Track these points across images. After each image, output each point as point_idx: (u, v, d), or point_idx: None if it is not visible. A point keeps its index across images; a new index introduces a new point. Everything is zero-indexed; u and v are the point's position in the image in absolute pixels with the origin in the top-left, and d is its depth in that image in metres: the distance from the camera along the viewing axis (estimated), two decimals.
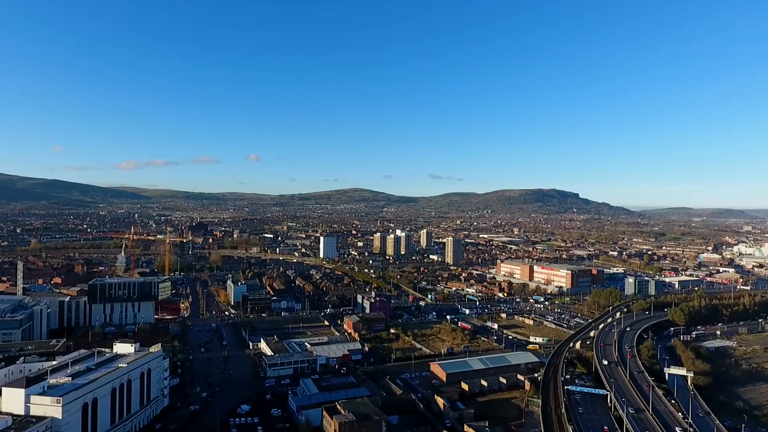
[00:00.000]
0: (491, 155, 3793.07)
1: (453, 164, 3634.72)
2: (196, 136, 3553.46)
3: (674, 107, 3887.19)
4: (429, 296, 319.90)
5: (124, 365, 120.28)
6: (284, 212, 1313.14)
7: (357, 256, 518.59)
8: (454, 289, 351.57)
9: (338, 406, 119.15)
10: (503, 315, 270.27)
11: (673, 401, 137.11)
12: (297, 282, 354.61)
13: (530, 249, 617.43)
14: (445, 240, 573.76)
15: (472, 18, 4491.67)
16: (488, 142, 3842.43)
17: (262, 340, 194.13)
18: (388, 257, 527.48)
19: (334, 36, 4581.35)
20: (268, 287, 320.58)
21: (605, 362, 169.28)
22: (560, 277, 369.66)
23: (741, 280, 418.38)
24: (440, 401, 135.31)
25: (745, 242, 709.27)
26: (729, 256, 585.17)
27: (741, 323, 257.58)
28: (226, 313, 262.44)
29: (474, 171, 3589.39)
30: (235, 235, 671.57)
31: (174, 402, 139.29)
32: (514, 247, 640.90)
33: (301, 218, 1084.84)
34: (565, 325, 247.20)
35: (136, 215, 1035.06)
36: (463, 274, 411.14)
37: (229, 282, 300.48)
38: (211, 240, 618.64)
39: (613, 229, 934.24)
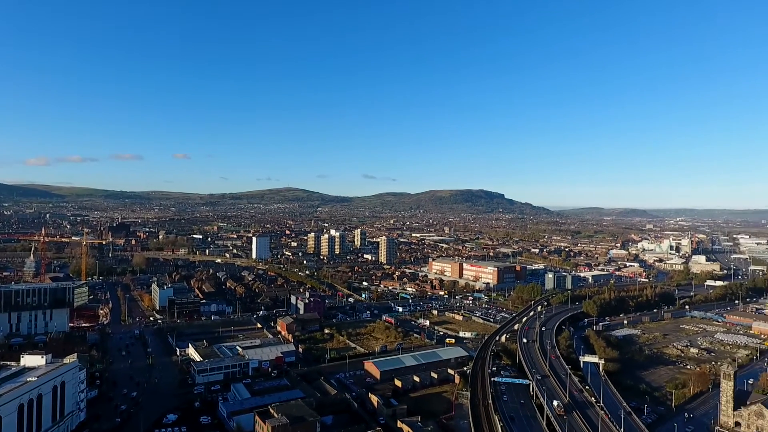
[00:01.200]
0: (424, 156, 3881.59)
1: (387, 165, 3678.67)
2: (115, 131, 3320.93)
3: (585, 115, 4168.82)
4: (363, 295, 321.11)
5: (34, 379, 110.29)
6: (214, 212, 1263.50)
7: (291, 257, 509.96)
8: (388, 287, 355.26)
9: (271, 410, 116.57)
10: (435, 312, 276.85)
11: (587, 387, 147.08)
12: (228, 284, 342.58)
13: (460, 247, 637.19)
14: (379, 239, 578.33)
15: (399, 17, 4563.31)
16: (421, 144, 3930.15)
17: (190, 345, 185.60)
18: (322, 257, 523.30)
19: (264, 30, 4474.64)
20: (196, 290, 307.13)
21: (528, 353, 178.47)
22: (487, 274, 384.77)
23: (644, 273, 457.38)
24: (374, 399, 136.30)
25: (648, 239, 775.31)
26: (634, 252, 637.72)
27: (644, 313, 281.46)
28: (151, 318, 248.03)
29: (407, 172, 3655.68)
30: (160, 236, 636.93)
31: (92, 415, 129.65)
32: (445, 245, 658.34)
33: (232, 218, 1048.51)
34: (492, 320, 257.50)
35: (47, 215, 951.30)
36: (397, 273, 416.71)
37: (154, 285, 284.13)
38: (134, 241, 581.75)
39: (535, 228, 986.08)
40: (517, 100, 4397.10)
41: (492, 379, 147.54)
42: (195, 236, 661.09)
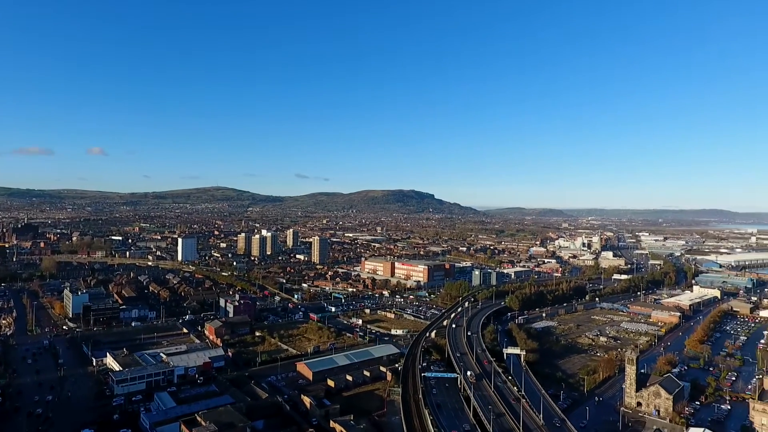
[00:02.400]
0: (356, 157, 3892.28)
1: (319, 164, 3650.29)
2: (19, 122, 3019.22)
3: (507, 119, 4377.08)
4: (296, 296, 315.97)
5: None
6: (136, 212, 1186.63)
7: (220, 258, 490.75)
8: (320, 287, 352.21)
9: (198, 418, 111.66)
10: (367, 311, 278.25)
11: (510, 377, 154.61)
12: (151, 288, 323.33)
13: (392, 247, 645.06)
14: (311, 239, 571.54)
15: (327, 16, 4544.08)
16: (354, 144, 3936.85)
17: (108, 354, 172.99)
18: (253, 258, 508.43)
19: (187, 19, 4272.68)
20: (116, 295, 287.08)
21: (456, 348, 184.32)
22: (418, 272, 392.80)
23: (560, 269, 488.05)
24: (306, 400, 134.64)
25: (564, 237, 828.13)
26: (552, 249, 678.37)
27: (560, 306, 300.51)
28: (64, 327, 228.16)
29: (340, 172, 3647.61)
30: (74, 238, 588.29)
31: None
32: (377, 245, 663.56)
33: (156, 218, 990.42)
34: (422, 317, 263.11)
35: None
36: (330, 273, 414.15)
37: (66, 291, 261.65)
38: (42, 244, 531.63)
39: (463, 227, 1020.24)
40: (446, 102, 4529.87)
41: (422, 374, 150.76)
42: (114, 238, 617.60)
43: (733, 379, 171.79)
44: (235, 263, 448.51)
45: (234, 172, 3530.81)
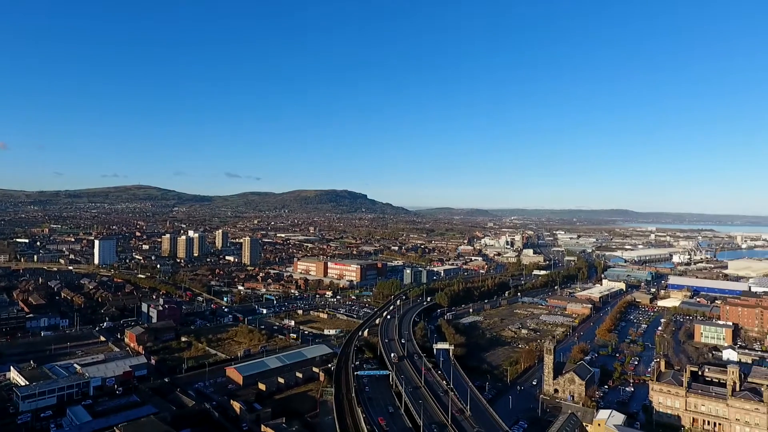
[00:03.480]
0: (289, 156, 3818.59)
1: (251, 163, 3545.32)
2: None
3: (436, 121, 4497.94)
4: (225, 299, 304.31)
5: None
6: (45, 212, 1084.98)
7: (142, 261, 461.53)
8: (252, 289, 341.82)
9: (117, 431, 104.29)
10: (300, 311, 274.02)
11: (439, 371, 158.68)
12: (63, 294, 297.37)
13: (325, 246, 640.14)
14: (242, 240, 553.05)
15: (251, 12, 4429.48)
16: (285, 143, 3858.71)
17: (12, 368, 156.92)
18: (179, 260, 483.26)
19: (107, 8, 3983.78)
20: (21, 303, 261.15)
21: (388, 345, 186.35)
22: (351, 272, 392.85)
23: (486, 266, 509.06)
24: (236, 405, 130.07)
25: (489, 236, 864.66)
26: (478, 248, 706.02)
27: (486, 301, 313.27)
28: None
29: (272, 171, 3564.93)
30: None
31: None
32: (310, 245, 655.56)
33: (69, 219, 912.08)
34: (355, 316, 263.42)
35: None
36: (261, 274, 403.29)
37: None
38: None
39: (395, 227, 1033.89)
40: (378, 104, 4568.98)
41: (355, 373, 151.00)
42: (19, 240, 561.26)
43: (636, 363, 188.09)
44: (159, 266, 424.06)
45: (159, 171, 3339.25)
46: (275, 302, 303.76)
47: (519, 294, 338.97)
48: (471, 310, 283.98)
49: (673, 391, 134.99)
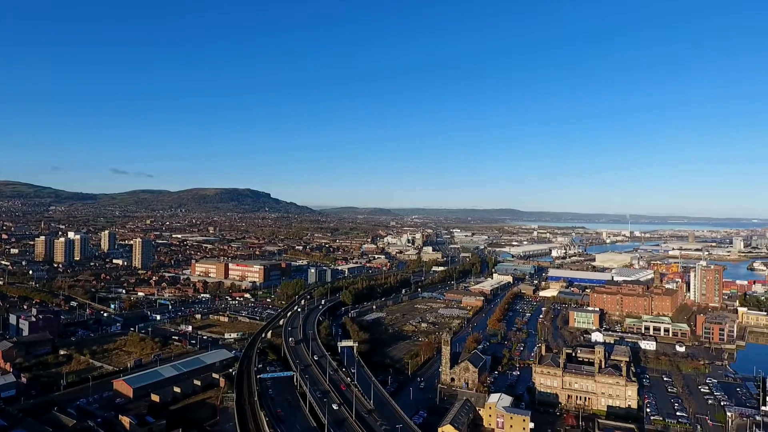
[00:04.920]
0: (185, 152, 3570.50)
1: (141, 158, 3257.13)
2: None
3: (337, 123, 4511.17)
4: (112, 306, 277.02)
5: None
6: None
7: (10, 267, 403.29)
8: (144, 294, 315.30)
9: None
10: (198, 316, 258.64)
11: (344, 369, 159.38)
12: None
13: (226, 247, 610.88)
14: (132, 242, 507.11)
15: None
16: (182, 138, 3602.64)
17: None
18: (56, 265, 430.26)
19: None
20: None
21: (292, 345, 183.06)
22: (254, 273, 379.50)
23: (388, 264, 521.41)
24: (125, 420, 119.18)
25: (391, 234, 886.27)
26: (381, 246, 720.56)
27: (389, 297, 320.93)
28: None
29: (166, 167, 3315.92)
30: None
31: None
32: (209, 246, 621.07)
33: None
34: (258, 318, 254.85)
35: None
36: (155, 278, 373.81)
37: None
38: None
39: (299, 226, 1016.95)
40: (280, 101, 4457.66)
41: (258, 376, 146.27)
42: None
43: (522, 349, 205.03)
44: (31, 272, 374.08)
45: (32, 165, 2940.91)
46: (171, 307, 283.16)
47: (419, 290, 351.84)
48: (374, 307, 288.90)
49: (552, 372, 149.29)
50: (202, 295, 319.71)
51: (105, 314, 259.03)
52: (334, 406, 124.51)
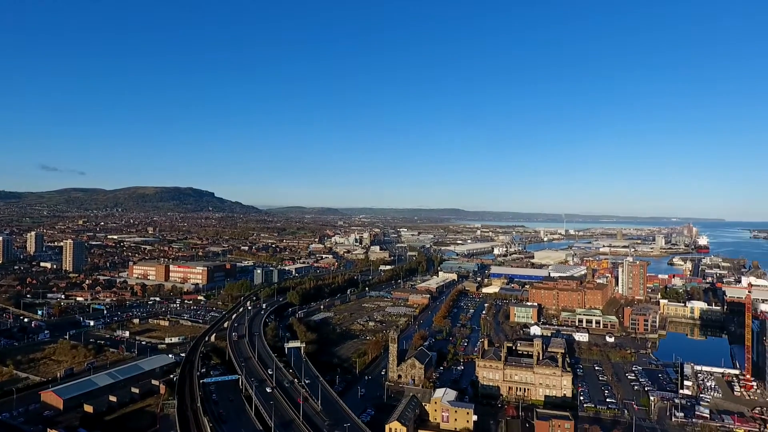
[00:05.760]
0: (122, 148, 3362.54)
1: (73, 155, 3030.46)
2: None
3: (286, 123, 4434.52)
4: (40, 312, 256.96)
5: None
6: None
7: None
8: (76, 299, 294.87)
9: None
10: (136, 320, 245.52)
11: (291, 370, 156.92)
12: None
13: (166, 248, 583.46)
14: (63, 243, 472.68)
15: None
16: (117, 133, 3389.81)
17: None
18: None
19: None
20: None
21: (237, 349, 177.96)
22: (197, 274, 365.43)
23: (336, 263, 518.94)
24: None
25: (339, 234, 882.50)
26: (329, 246, 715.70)
27: (336, 297, 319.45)
28: None
29: (101, 164, 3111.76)
30: None
31: None
32: (148, 247, 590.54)
33: None
34: (201, 321, 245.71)
35: None
36: (88, 282, 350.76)
37: None
38: None
39: (245, 226, 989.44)
40: (224, 99, 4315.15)
41: (201, 381, 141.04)
42: None
43: (466, 344, 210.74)
44: None
45: None
46: (106, 312, 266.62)
47: (367, 289, 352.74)
48: (322, 307, 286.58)
49: (494, 365, 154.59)
50: (152, 298, 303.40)
51: (31, 321, 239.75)
52: (268, 389, 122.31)
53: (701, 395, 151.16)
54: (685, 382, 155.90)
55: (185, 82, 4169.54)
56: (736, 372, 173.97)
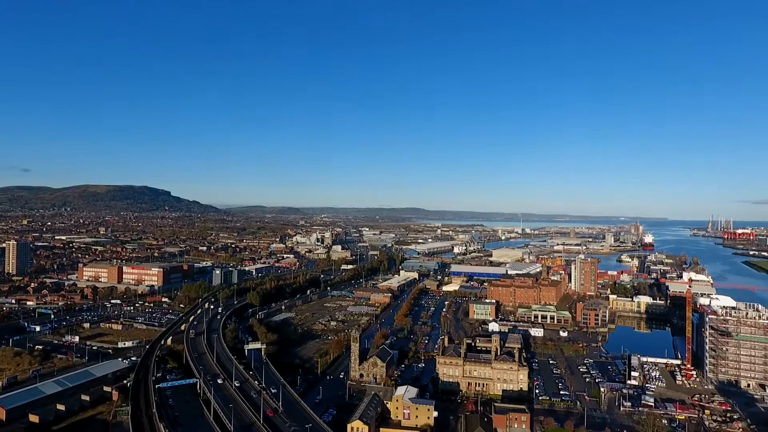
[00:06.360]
0: (70, 144, 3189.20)
1: (15, 151, 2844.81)
2: None
3: (246, 121, 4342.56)
4: None
5: None
6: None
7: None
8: (19, 303, 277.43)
9: None
10: (87, 325, 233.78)
11: (251, 372, 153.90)
12: None
13: (119, 249, 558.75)
14: (5, 244, 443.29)
15: None
16: (65, 128, 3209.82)
17: None
18: None
19: None
20: None
21: (195, 352, 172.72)
22: (152, 276, 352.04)
23: (297, 263, 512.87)
24: None
25: (301, 234, 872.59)
26: (290, 245, 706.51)
27: (298, 297, 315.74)
28: None
29: (47, 161, 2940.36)
30: None
31: None
32: (100, 248, 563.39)
33: None
34: (157, 324, 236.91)
35: None
36: (33, 285, 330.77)
37: None
38: None
39: (203, 226, 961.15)
40: (186, 94, 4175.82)
41: (157, 386, 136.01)
42: None
43: (426, 341, 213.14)
44: None
45: None
46: (53, 317, 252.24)
47: (329, 288, 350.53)
48: (283, 308, 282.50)
49: (454, 362, 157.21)
50: (112, 301, 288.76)
51: None
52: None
53: (647, 385, 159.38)
54: (633, 373, 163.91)
55: (140, 75, 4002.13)
56: (678, 362, 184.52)
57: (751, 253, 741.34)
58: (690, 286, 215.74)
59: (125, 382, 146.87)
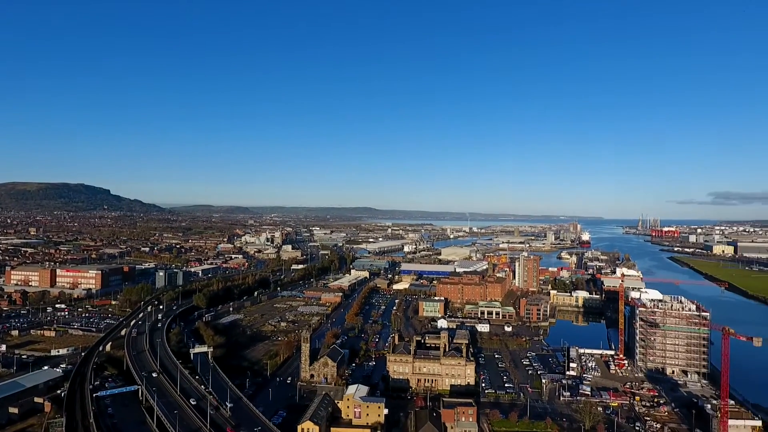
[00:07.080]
0: None
1: None
2: None
3: (197, 120, 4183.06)
4: None
5: None
6: None
7: None
8: None
9: None
10: (15, 332, 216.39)
11: (197, 377, 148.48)
12: None
13: (53, 251, 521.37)
14: None
15: None
16: None
17: None
18: None
19: None
20: None
21: (137, 357, 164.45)
22: (89, 279, 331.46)
23: (246, 263, 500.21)
24: None
25: (250, 233, 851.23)
26: (239, 245, 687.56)
27: (247, 298, 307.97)
28: None
29: None
30: None
31: None
32: (30, 250, 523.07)
33: None
34: (94, 329, 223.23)
35: None
36: None
37: None
38: None
39: (146, 226, 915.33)
40: (121, 83, 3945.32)
41: (95, 395, 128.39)
42: None
43: (377, 340, 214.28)
44: None
45: None
46: None
47: (279, 288, 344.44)
48: (231, 309, 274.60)
49: (404, 359, 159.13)
50: (59, 305, 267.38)
51: None
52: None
53: (584, 375, 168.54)
54: (571, 364, 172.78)
55: (79, 67, 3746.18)
56: (612, 353, 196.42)
57: (676, 249, 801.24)
58: (622, 281, 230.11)
59: (59, 392, 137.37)
